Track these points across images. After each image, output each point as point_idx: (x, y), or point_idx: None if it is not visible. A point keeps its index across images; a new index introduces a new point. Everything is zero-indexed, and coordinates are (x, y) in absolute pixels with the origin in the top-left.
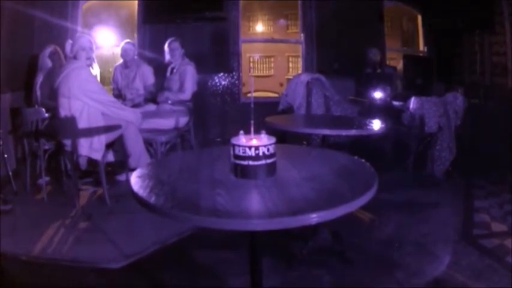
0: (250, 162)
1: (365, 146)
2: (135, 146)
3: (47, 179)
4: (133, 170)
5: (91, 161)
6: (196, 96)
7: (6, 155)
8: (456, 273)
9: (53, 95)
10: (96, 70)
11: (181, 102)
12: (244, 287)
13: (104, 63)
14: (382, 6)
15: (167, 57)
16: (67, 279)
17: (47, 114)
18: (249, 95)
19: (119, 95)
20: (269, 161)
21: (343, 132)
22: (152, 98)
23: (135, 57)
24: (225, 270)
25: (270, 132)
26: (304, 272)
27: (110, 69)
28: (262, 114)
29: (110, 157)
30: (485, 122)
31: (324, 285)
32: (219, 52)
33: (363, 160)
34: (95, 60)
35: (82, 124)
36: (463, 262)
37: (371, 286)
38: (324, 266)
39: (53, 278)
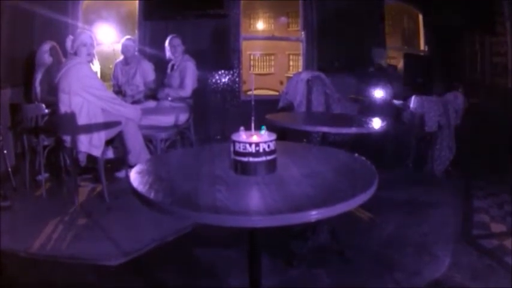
0: (251, 159)
1: (365, 144)
2: (135, 142)
3: (46, 175)
4: (132, 166)
5: (90, 158)
6: (196, 93)
7: (5, 151)
8: (455, 273)
9: (53, 91)
10: (96, 66)
11: (181, 99)
12: (243, 285)
13: (104, 59)
14: (383, 4)
15: (168, 54)
16: (66, 275)
17: (46, 110)
18: (249, 92)
19: (119, 91)
20: (269, 157)
21: (343, 130)
22: (152, 94)
23: (136, 53)
24: (224, 268)
25: (270, 129)
26: (304, 271)
27: (111, 66)
28: (263, 112)
29: (110, 154)
30: (485, 121)
31: (323, 284)
32: (219, 49)
33: (363, 158)
34: (96, 56)
35: (82, 120)
36: (462, 262)
37: (370, 285)
38: (323, 266)
39: (52, 274)
